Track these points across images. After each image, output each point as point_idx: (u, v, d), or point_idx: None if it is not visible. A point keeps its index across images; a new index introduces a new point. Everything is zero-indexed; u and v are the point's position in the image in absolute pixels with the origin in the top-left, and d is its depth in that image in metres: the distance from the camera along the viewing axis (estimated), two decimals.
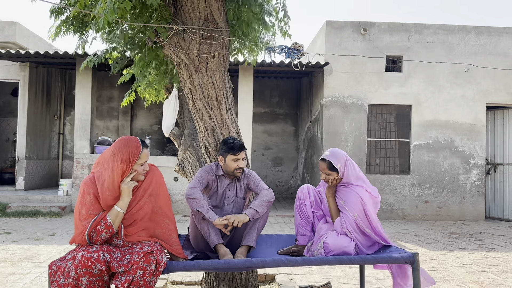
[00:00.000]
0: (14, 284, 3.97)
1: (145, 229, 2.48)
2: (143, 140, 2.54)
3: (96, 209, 2.39)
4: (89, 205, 2.38)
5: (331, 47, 8.78)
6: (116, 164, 2.40)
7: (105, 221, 2.35)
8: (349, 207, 2.85)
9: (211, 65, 3.25)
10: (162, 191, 2.58)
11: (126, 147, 2.44)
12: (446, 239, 6.68)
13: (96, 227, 2.34)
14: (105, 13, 2.39)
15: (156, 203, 2.53)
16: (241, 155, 3.01)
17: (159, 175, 2.62)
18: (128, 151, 2.43)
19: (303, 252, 3.02)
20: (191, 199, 2.83)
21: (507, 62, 8.96)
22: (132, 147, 2.45)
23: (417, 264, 2.64)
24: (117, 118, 11.64)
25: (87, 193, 2.40)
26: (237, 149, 2.98)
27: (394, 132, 9.02)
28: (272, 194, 2.99)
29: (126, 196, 2.42)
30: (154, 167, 2.63)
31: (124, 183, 2.41)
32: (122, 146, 2.44)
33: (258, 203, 2.88)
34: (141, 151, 2.46)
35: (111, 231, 2.37)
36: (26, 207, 8.25)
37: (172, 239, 2.57)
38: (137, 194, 2.50)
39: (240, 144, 3.02)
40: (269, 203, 2.94)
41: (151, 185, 2.54)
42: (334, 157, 2.90)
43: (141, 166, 2.48)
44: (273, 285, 4.26)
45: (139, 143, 2.48)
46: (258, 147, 11.91)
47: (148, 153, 2.53)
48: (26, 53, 8.46)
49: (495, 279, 4.46)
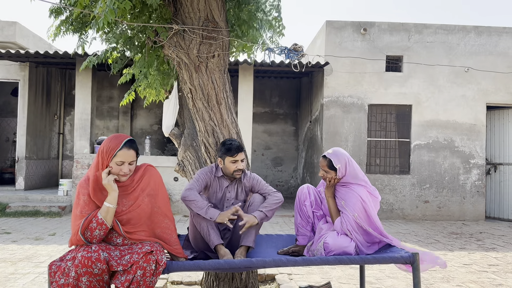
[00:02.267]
0: (14, 284, 3.97)
1: (144, 229, 2.48)
2: (132, 142, 2.46)
3: (90, 208, 2.40)
4: (83, 205, 2.40)
5: (331, 47, 8.78)
6: (97, 157, 2.44)
7: (96, 218, 2.35)
8: (349, 207, 2.85)
9: (211, 65, 3.25)
10: (160, 191, 2.57)
11: (108, 141, 2.44)
12: (446, 239, 6.68)
13: (89, 225, 2.34)
14: (105, 13, 2.39)
15: (155, 203, 2.53)
16: (239, 157, 2.98)
17: (157, 175, 2.60)
18: (108, 146, 2.41)
19: (303, 252, 3.02)
20: (188, 201, 2.82)
21: (507, 62, 8.96)
22: (112, 142, 2.42)
23: (417, 264, 2.64)
24: (117, 118, 11.64)
25: (81, 194, 2.42)
26: (235, 151, 2.95)
27: (394, 132, 9.02)
28: (281, 196, 3.04)
29: (111, 191, 2.40)
30: (151, 167, 2.61)
31: (103, 180, 2.40)
32: (107, 140, 2.45)
33: (269, 207, 2.91)
34: (119, 148, 2.40)
35: (104, 227, 2.36)
36: (26, 207, 8.25)
37: (172, 239, 2.57)
38: (134, 194, 2.49)
39: (237, 145, 2.98)
40: (278, 207, 3.00)
41: (149, 185, 2.53)
42: (336, 156, 2.90)
43: (118, 166, 2.41)
44: (273, 285, 4.26)
45: (121, 141, 2.42)
46: (258, 147, 11.91)
47: (132, 155, 2.44)
48: (26, 53, 8.46)
49: (495, 279, 4.46)
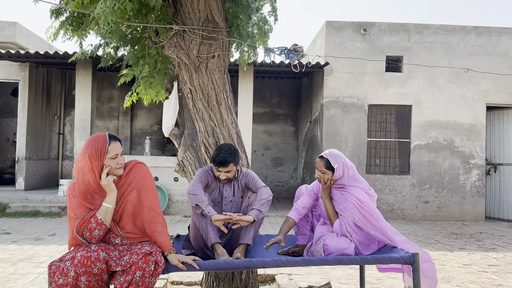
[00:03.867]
0: (14, 285, 3.97)
1: (134, 223, 2.48)
2: (112, 134, 2.49)
3: (83, 210, 2.41)
4: (76, 207, 2.41)
5: (331, 47, 8.78)
6: (86, 161, 2.39)
7: (95, 219, 2.36)
8: (348, 211, 2.83)
9: (211, 65, 3.25)
10: (145, 184, 2.53)
11: (92, 142, 2.41)
12: (446, 239, 6.68)
13: (88, 225, 2.35)
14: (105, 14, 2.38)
15: (139, 196, 2.51)
16: (223, 169, 2.98)
17: (143, 169, 2.58)
18: (95, 147, 2.40)
19: (303, 252, 3.01)
20: (192, 195, 2.85)
21: (507, 63, 8.96)
22: (98, 141, 2.41)
23: (417, 264, 2.64)
24: (117, 118, 11.64)
25: (72, 197, 2.43)
26: (217, 164, 2.96)
27: (394, 132, 9.02)
28: (270, 191, 3.01)
29: (111, 191, 2.41)
30: (140, 163, 2.60)
31: (102, 180, 2.40)
32: (89, 143, 2.42)
33: (260, 203, 2.89)
34: (108, 144, 2.41)
35: (104, 227, 2.37)
36: (26, 207, 8.25)
37: (155, 230, 2.49)
38: (122, 189, 2.49)
39: (220, 160, 2.94)
40: (269, 201, 2.95)
41: (135, 178, 2.52)
42: (333, 156, 2.90)
43: (113, 160, 2.43)
44: (273, 285, 4.26)
45: (106, 137, 2.43)
46: (258, 147, 11.91)
47: (119, 146, 2.46)
48: (26, 53, 8.46)
49: (495, 279, 4.46)
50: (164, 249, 2.47)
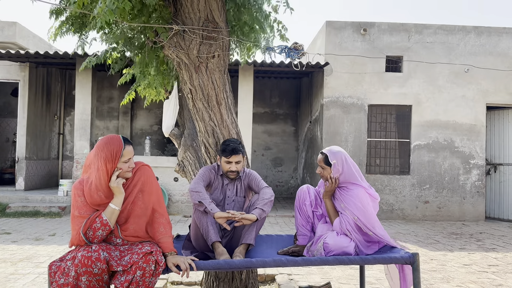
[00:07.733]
0: (14, 285, 3.97)
1: (137, 225, 2.48)
2: (125, 138, 2.51)
3: (88, 209, 2.41)
4: (81, 206, 2.41)
5: (331, 47, 8.78)
6: (100, 164, 2.40)
7: (100, 219, 2.36)
8: (349, 210, 2.84)
9: (211, 65, 3.25)
10: (149, 185, 2.55)
11: (108, 145, 2.42)
12: (446, 240, 6.68)
13: (92, 225, 2.35)
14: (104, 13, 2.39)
15: (143, 198, 2.52)
16: (233, 159, 3.01)
17: (148, 171, 2.60)
18: (110, 150, 2.41)
19: (303, 252, 3.02)
20: (194, 192, 2.86)
21: (507, 62, 8.96)
22: (114, 145, 2.43)
23: (417, 264, 2.64)
24: (117, 118, 11.64)
25: (78, 196, 2.43)
26: (228, 153, 2.99)
27: (394, 132, 9.02)
28: (272, 191, 3.03)
29: (119, 194, 2.43)
30: (145, 165, 2.61)
31: (112, 182, 2.41)
32: (104, 145, 2.42)
33: (263, 202, 2.90)
34: (123, 148, 2.43)
35: (107, 228, 2.38)
36: (26, 207, 8.25)
37: (158, 231, 2.51)
38: (127, 191, 2.50)
39: (233, 148, 3.00)
40: (272, 201, 2.97)
41: (139, 180, 2.54)
42: (332, 153, 2.92)
43: (125, 163, 2.46)
44: (273, 285, 4.26)
45: (121, 141, 2.45)
46: (258, 147, 11.91)
47: (132, 150, 2.50)
48: (26, 53, 8.46)
49: (495, 280, 4.46)
50: (165, 250, 2.48)
